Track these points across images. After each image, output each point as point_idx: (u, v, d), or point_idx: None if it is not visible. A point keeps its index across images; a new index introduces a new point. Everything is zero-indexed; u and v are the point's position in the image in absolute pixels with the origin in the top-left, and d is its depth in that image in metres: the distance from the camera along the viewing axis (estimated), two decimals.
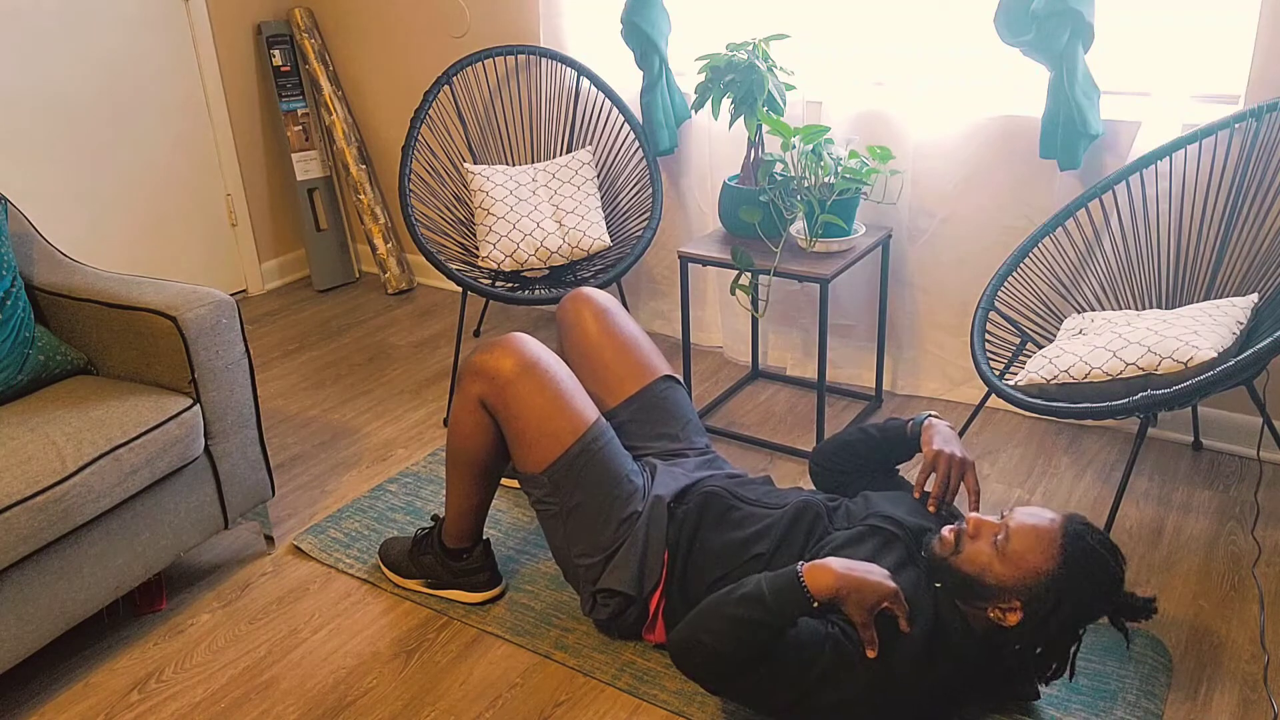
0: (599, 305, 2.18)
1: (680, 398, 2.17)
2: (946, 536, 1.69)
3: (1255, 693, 1.83)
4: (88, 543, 1.88)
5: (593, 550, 1.91)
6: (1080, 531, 1.62)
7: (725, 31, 2.85)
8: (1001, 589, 1.62)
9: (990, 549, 1.63)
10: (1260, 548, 2.20)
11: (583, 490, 1.90)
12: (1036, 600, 1.60)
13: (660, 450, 2.10)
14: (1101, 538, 1.63)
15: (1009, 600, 1.62)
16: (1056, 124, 2.40)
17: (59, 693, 1.93)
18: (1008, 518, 1.67)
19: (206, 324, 2.02)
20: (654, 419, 2.12)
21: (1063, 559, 1.60)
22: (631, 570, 1.88)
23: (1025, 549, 1.61)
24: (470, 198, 3.00)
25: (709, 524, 1.89)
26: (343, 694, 1.90)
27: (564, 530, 1.93)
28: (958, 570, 1.65)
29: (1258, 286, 2.25)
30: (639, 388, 2.13)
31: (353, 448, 2.75)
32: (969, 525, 1.67)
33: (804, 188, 2.48)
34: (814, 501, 1.88)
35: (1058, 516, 1.65)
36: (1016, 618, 1.62)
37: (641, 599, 1.90)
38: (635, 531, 1.89)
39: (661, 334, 3.36)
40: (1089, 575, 1.60)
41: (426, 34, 3.50)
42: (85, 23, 3.17)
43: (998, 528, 1.66)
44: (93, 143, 3.26)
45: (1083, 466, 2.54)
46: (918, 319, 2.87)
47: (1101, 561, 1.61)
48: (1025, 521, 1.64)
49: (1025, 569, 1.60)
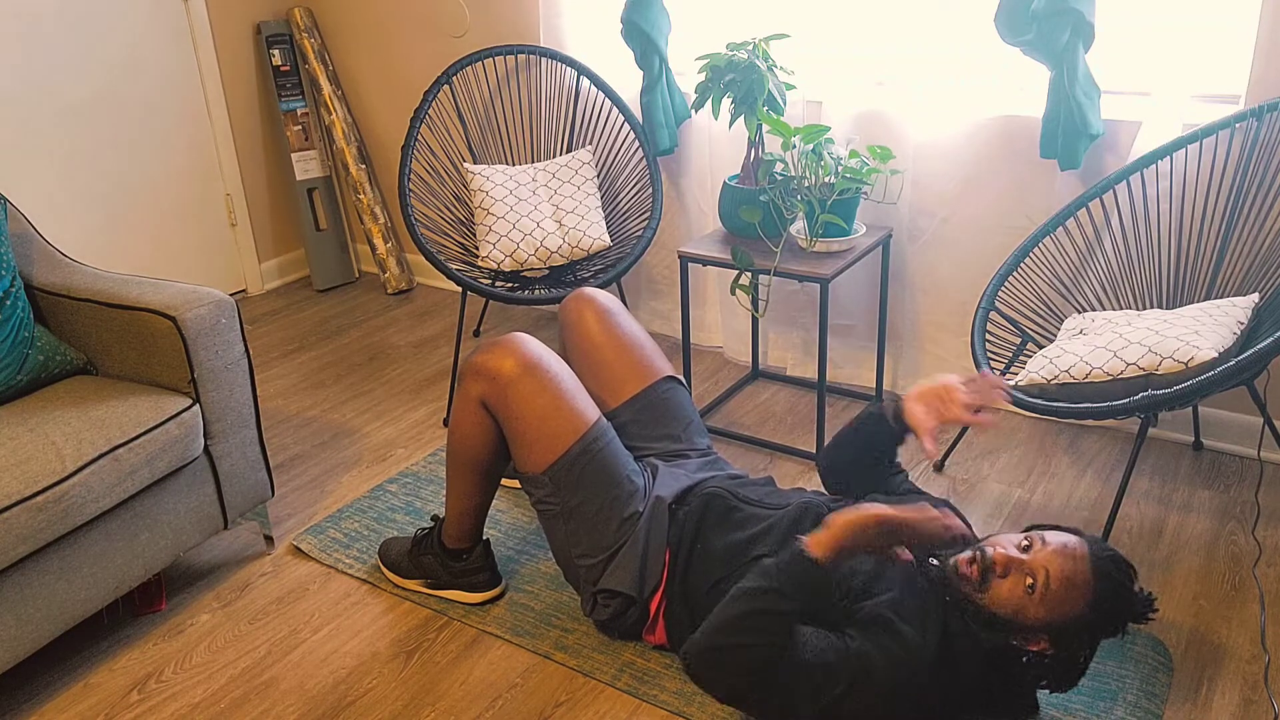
0: (601, 305, 2.18)
1: (682, 398, 2.17)
2: (968, 571, 1.63)
3: (1255, 693, 1.83)
4: (87, 543, 1.88)
5: (594, 550, 1.91)
6: (1110, 570, 1.59)
7: (725, 31, 2.84)
8: (1031, 628, 1.60)
9: (1022, 592, 1.58)
10: (1260, 548, 2.20)
11: (583, 490, 1.90)
12: (1066, 637, 1.60)
13: (662, 451, 2.10)
14: (1125, 569, 1.61)
15: (1036, 637, 1.61)
16: (1057, 124, 2.40)
17: (59, 693, 1.93)
18: (1038, 557, 1.59)
19: (206, 324, 2.02)
20: (656, 419, 2.12)
21: (1095, 600, 1.58)
22: (632, 571, 1.88)
23: (1061, 595, 1.57)
24: (470, 197, 2.99)
25: (710, 525, 1.89)
26: (343, 694, 1.90)
27: (565, 530, 1.93)
28: (986, 609, 1.61)
29: (1258, 286, 2.25)
30: (641, 388, 2.12)
31: (352, 448, 2.75)
32: (997, 564, 1.60)
33: (804, 187, 2.48)
34: (816, 503, 1.87)
35: (1084, 552, 1.60)
36: (1040, 648, 1.62)
37: (642, 600, 1.89)
38: (636, 532, 1.89)
39: (661, 334, 3.36)
40: (1117, 612, 1.60)
41: (426, 34, 3.50)
42: (85, 23, 3.17)
43: (1029, 569, 1.59)
44: (92, 143, 3.26)
45: (1083, 466, 2.54)
46: (918, 319, 2.87)
47: (1128, 596, 1.60)
48: (1061, 568, 1.57)
49: (1059, 613, 1.58)
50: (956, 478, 2.51)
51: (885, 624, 1.63)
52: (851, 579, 1.72)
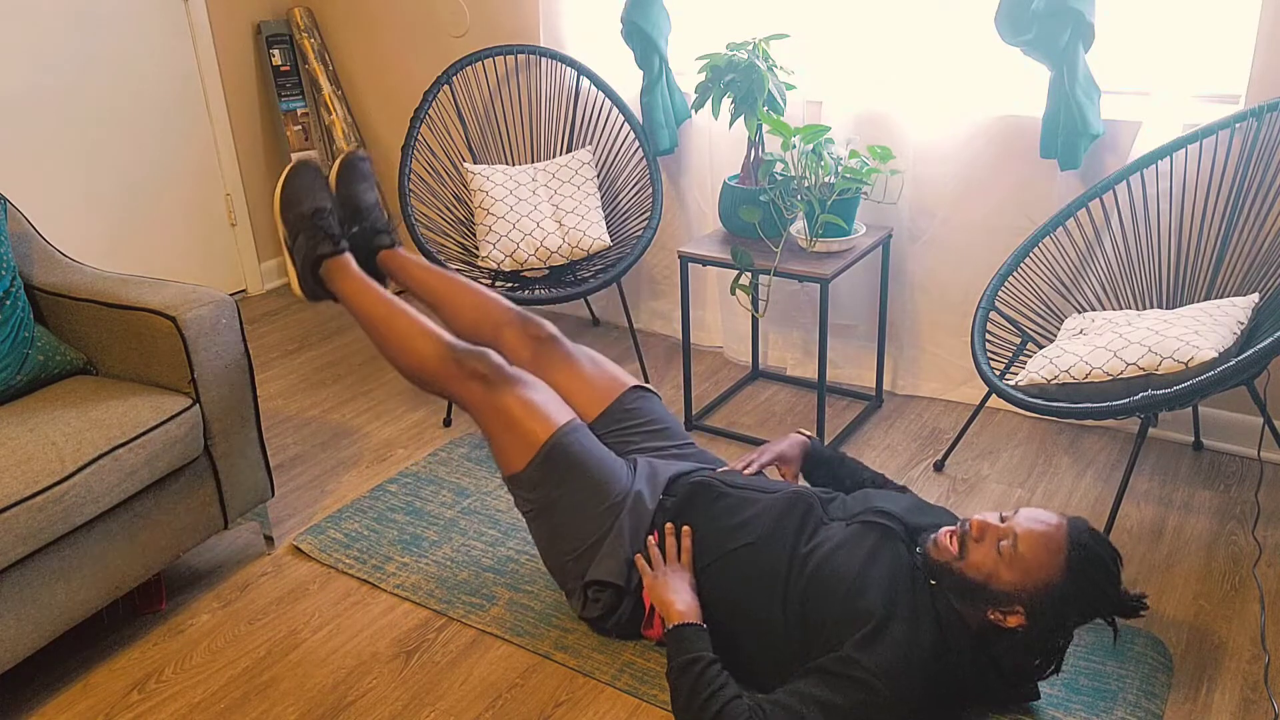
0: (541, 337, 2.21)
1: (654, 405, 2.20)
2: (946, 542, 1.68)
3: (1256, 693, 1.83)
4: (87, 543, 1.88)
5: (579, 543, 1.93)
6: (1085, 540, 1.62)
7: (725, 31, 2.84)
8: (1005, 595, 1.62)
9: (995, 555, 1.63)
10: (1261, 548, 2.20)
11: (564, 483, 1.93)
12: (1039, 606, 1.61)
13: (643, 447, 2.12)
14: (1104, 543, 1.63)
15: (1011, 605, 1.62)
16: (1057, 124, 2.40)
17: (59, 693, 1.93)
18: (1012, 522, 1.66)
19: (206, 324, 2.02)
20: (631, 426, 2.15)
21: (1068, 567, 1.60)
22: (619, 559, 1.90)
23: (1031, 557, 1.61)
24: (470, 197, 2.99)
25: (697, 511, 1.91)
26: (343, 694, 1.90)
27: (550, 526, 1.96)
28: (961, 575, 1.65)
29: (1258, 286, 2.25)
30: (608, 403, 2.15)
31: (352, 448, 2.75)
32: (973, 529, 1.67)
33: (804, 187, 2.48)
34: (807, 493, 1.88)
35: (1062, 522, 1.64)
36: (1017, 621, 1.63)
37: (631, 590, 1.91)
38: (620, 520, 1.92)
39: (661, 334, 3.36)
40: (1092, 583, 1.61)
41: (426, 34, 3.50)
42: (85, 22, 3.17)
43: (1002, 532, 1.65)
44: (92, 142, 3.26)
45: (1083, 466, 2.54)
46: (918, 319, 2.87)
47: (1104, 569, 1.61)
48: (1032, 529, 1.63)
49: (1031, 577, 1.61)
50: (956, 477, 2.51)
51: (876, 632, 1.62)
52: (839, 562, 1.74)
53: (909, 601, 1.65)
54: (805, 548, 1.78)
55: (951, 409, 2.84)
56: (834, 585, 1.69)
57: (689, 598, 1.80)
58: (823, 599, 1.69)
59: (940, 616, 1.66)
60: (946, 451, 2.57)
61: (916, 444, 2.67)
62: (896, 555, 1.72)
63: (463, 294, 2.28)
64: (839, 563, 1.72)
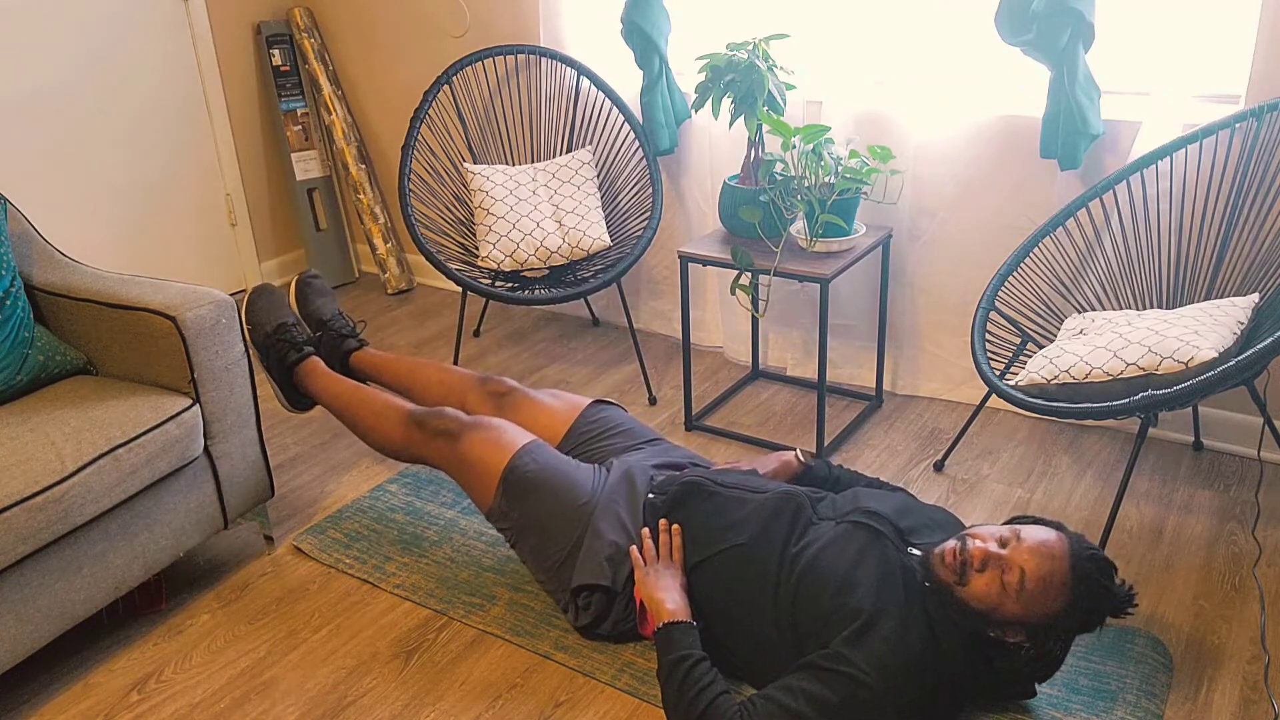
0: (500, 394, 2.28)
1: (615, 413, 2.25)
2: (949, 560, 1.65)
3: (1256, 693, 1.83)
4: (87, 543, 1.88)
5: (559, 553, 1.96)
6: (1089, 570, 1.60)
7: (725, 31, 2.84)
8: (1007, 624, 1.62)
9: (999, 588, 1.61)
10: (1260, 548, 2.20)
11: (528, 500, 1.98)
12: (1041, 632, 1.62)
13: (615, 448, 2.16)
14: (1104, 566, 1.62)
15: (1013, 630, 1.63)
16: (1057, 124, 2.40)
17: (59, 693, 1.93)
18: (1015, 552, 1.62)
19: (206, 324, 2.02)
20: (597, 435, 2.19)
21: (1073, 599, 1.60)
22: (598, 559, 1.91)
23: (1038, 594, 1.59)
24: (470, 198, 3.00)
25: (687, 511, 1.92)
26: (343, 694, 1.90)
27: (529, 546, 2.00)
28: (963, 602, 1.63)
29: (1258, 286, 2.25)
30: (571, 422, 2.21)
31: (353, 448, 2.75)
32: (974, 558, 1.63)
33: (804, 187, 2.48)
34: (796, 493, 1.88)
35: (1064, 550, 1.61)
36: (1018, 640, 1.63)
37: (620, 588, 1.91)
38: (593, 521, 1.94)
39: (661, 334, 3.36)
40: (1095, 610, 1.62)
41: (426, 34, 3.50)
42: (84, 22, 3.17)
43: (1006, 564, 1.61)
44: (92, 143, 3.26)
45: (1083, 466, 2.54)
46: (918, 319, 2.87)
47: (1107, 596, 1.61)
48: (1039, 566, 1.59)
49: (1035, 610, 1.60)
50: (956, 477, 2.51)
51: (865, 628, 1.62)
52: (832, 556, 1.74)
53: (898, 600, 1.65)
54: (795, 548, 1.78)
55: (951, 409, 2.84)
56: (823, 584, 1.70)
57: (678, 596, 1.80)
58: (812, 598, 1.69)
59: (931, 615, 1.66)
60: (946, 452, 2.57)
61: (916, 444, 2.67)
62: (885, 555, 1.72)
63: (427, 372, 2.41)
64: (828, 562, 1.72)
